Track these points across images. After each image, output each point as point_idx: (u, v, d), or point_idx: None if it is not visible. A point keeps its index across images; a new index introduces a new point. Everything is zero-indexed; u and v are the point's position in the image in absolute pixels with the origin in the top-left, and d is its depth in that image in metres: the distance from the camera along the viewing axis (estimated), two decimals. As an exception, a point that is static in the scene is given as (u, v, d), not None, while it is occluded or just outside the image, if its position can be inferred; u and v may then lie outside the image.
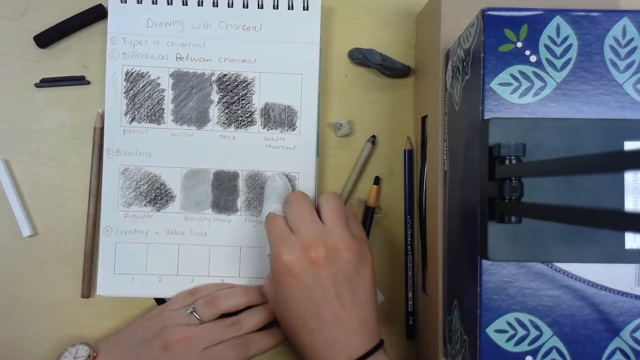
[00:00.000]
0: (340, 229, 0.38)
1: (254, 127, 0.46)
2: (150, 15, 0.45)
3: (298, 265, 0.36)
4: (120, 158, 0.45)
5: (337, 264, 0.37)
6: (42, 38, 0.46)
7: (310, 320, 0.37)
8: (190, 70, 0.46)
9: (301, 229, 0.38)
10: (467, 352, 0.33)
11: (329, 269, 0.36)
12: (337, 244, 0.37)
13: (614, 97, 0.31)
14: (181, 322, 0.42)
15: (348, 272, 0.37)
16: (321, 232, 0.37)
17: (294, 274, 0.36)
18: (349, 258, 0.37)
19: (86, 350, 0.41)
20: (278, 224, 0.39)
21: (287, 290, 0.37)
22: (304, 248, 0.37)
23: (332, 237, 0.37)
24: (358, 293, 0.37)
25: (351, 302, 0.37)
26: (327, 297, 0.36)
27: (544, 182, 0.29)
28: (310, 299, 0.36)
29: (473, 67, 0.32)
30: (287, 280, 0.37)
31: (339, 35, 0.48)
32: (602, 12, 0.31)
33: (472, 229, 0.32)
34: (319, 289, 0.36)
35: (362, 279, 0.38)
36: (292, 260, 0.37)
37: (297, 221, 0.38)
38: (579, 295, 0.31)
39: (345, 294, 0.37)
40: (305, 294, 0.37)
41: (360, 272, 0.38)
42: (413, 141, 0.47)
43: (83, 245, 0.45)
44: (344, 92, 0.48)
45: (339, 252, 0.37)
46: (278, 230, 0.39)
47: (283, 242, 0.37)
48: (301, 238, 0.37)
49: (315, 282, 0.36)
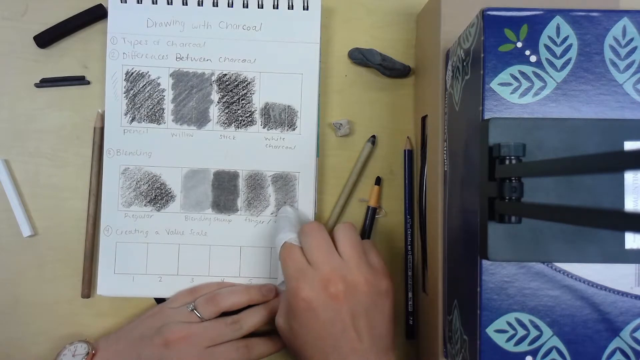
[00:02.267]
0: (358, 261, 0.38)
1: (254, 126, 0.46)
2: (150, 15, 0.45)
3: (317, 300, 0.36)
4: (121, 158, 0.45)
5: (356, 297, 0.37)
6: (42, 38, 0.46)
7: (329, 354, 0.37)
8: (190, 70, 0.46)
9: (319, 262, 0.38)
10: (467, 352, 0.33)
11: (348, 303, 0.36)
12: (355, 278, 0.37)
13: (614, 97, 0.31)
14: (182, 319, 0.42)
15: (366, 305, 0.37)
16: (339, 266, 0.37)
17: (313, 308, 0.36)
18: (367, 292, 0.37)
19: (85, 347, 0.41)
20: (295, 256, 0.39)
21: (306, 325, 0.37)
22: (323, 283, 0.37)
23: (350, 271, 0.37)
24: (376, 327, 0.37)
25: (369, 336, 0.37)
26: (346, 331, 0.36)
27: (544, 182, 0.29)
28: (330, 333, 0.36)
29: (473, 67, 0.32)
30: (307, 315, 0.37)
31: (339, 35, 0.48)
32: (602, 12, 0.31)
33: (472, 229, 0.32)
34: (339, 323, 0.36)
35: (380, 312, 0.38)
36: (312, 296, 0.36)
37: (315, 254, 0.38)
38: (579, 295, 0.31)
39: (363, 328, 0.37)
40: (325, 328, 0.36)
41: (378, 304, 0.38)
42: (413, 141, 0.47)
43: (83, 245, 0.45)
44: (344, 92, 0.48)
45: (358, 286, 0.37)
46: (296, 263, 0.38)
47: (303, 277, 0.37)
48: (320, 272, 0.37)
49: (335, 316, 0.36)
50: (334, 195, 0.47)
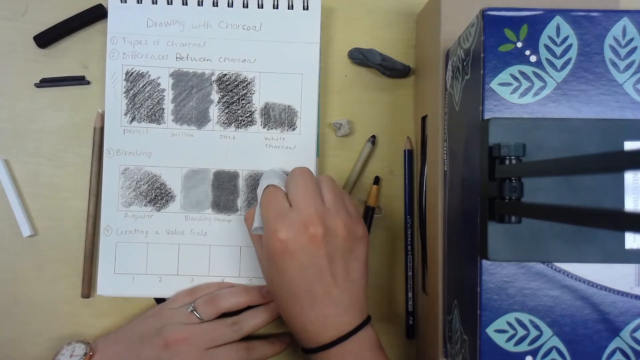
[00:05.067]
0: (338, 207, 0.38)
1: (254, 126, 0.46)
2: (150, 15, 0.45)
3: (295, 243, 0.36)
4: (120, 158, 0.45)
5: (334, 242, 0.37)
6: (42, 38, 0.46)
7: (302, 297, 0.37)
8: (190, 70, 0.46)
9: (302, 203, 0.37)
10: (467, 352, 0.33)
11: (326, 247, 0.36)
12: (335, 223, 0.37)
13: (614, 97, 0.31)
14: (181, 320, 0.42)
15: (344, 250, 0.37)
16: (321, 210, 0.37)
17: (290, 251, 0.36)
18: (346, 236, 0.37)
19: (83, 348, 0.41)
20: (277, 198, 0.38)
21: (281, 267, 0.37)
22: (304, 225, 0.36)
23: (331, 215, 0.37)
24: (351, 272, 0.38)
25: (344, 281, 0.37)
26: (322, 275, 0.36)
27: (544, 182, 0.29)
28: (305, 277, 0.36)
29: (473, 67, 0.32)
30: (282, 257, 0.36)
31: (339, 35, 0.48)
32: (602, 12, 0.31)
33: (472, 229, 0.32)
34: (314, 267, 0.36)
35: (356, 258, 0.38)
36: (290, 237, 0.36)
37: (301, 195, 0.38)
38: (579, 295, 0.31)
39: (339, 273, 0.37)
40: (300, 272, 0.36)
41: (354, 250, 0.38)
42: (413, 141, 0.47)
43: (83, 245, 0.45)
44: (344, 92, 0.48)
45: (337, 231, 0.37)
46: (276, 205, 0.38)
47: (282, 219, 0.37)
48: (301, 214, 0.37)
49: (311, 260, 0.36)
50: (334, 195, 0.47)
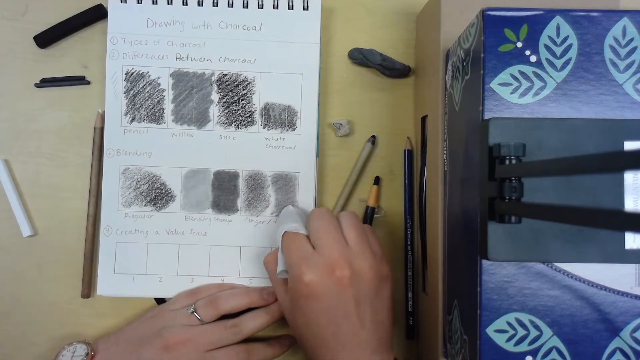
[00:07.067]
0: (362, 247, 0.38)
1: (254, 127, 0.46)
2: (150, 15, 0.45)
3: (321, 286, 0.36)
4: (121, 158, 0.45)
5: (361, 284, 0.37)
6: (42, 38, 0.46)
7: (329, 340, 0.36)
8: (190, 70, 0.46)
9: (326, 246, 0.37)
10: (467, 352, 0.33)
11: (352, 289, 0.36)
12: (361, 264, 0.37)
13: (614, 97, 0.31)
14: (182, 322, 0.42)
15: (370, 292, 0.37)
16: (346, 252, 0.37)
17: (316, 295, 0.36)
18: (372, 278, 0.37)
19: (84, 349, 0.41)
20: (299, 241, 0.38)
21: (308, 311, 0.37)
22: (329, 268, 0.36)
23: (357, 256, 0.37)
24: (378, 313, 0.37)
25: (371, 322, 0.37)
26: (349, 318, 0.36)
27: (544, 182, 0.29)
28: (332, 320, 0.36)
29: (473, 67, 0.32)
30: (309, 301, 0.36)
31: (339, 35, 0.48)
32: (602, 12, 0.31)
33: (472, 229, 0.32)
34: (341, 310, 0.36)
35: (382, 299, 0.38)
36: (316, 281, 0.36)
37: (323, 237, 0.38)
38: (579, 295, 0.31)
39: (366, 315, 0.37)
40: (327, 315, 0.36)
41: (380, 291, 0.38)
42: (413, 141, 0.47)
43: (83, 245, 0.45)
44: (344, 92, 0.48)
45: (363, 273, 0.37)
46: (300, 249, 0.38)
47: (306, 262, 0.37)
48: (325, 257, 0.36)
49: (338, 303, 0.36)
50: (334, 195, 0.47)
